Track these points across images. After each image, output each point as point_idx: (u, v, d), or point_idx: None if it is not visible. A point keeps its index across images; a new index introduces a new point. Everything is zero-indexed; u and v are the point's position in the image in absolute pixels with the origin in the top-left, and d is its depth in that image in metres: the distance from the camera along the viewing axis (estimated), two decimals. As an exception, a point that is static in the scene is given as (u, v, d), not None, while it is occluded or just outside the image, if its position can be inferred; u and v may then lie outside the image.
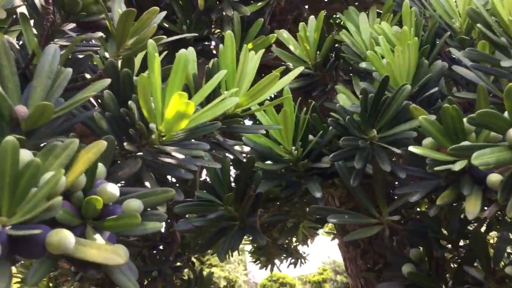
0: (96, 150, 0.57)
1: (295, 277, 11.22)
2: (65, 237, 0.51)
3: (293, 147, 1.08)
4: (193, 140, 0.77)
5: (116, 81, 0.71)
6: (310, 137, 1.09)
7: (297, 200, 1.21)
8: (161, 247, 2.33)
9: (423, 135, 0.89)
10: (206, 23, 1.36)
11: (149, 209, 0.67)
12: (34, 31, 0.78)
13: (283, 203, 1.17)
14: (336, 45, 1.45)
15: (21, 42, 0.87)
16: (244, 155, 1.18)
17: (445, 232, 1.00)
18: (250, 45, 0.92)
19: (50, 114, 0.59)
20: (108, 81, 0.67)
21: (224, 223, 1.08)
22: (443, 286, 0.93)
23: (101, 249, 0.54)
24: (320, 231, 3.90)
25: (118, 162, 0.71)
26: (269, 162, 1.11)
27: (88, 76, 0.90)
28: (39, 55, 0.73)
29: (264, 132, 0.92)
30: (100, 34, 0.82)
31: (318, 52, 1.30)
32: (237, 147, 1.01)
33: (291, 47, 1.30)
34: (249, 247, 3.27)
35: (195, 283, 2.77)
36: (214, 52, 1.39)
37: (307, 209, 1.65)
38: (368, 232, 0.96)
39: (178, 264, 2.52)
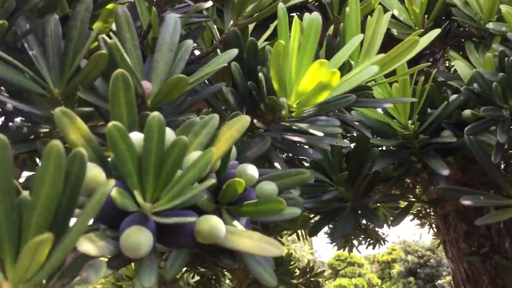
0: (239, 126, 0.51)
1: (362, 257, 11.05)
2: (216, 225, 0.45)
3: (409, 121, 0.98)
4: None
5: (239, 52, 0.64)
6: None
7: (409, 180, 1.11)
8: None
9: None
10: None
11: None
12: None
13: (394, 183, 1.07)
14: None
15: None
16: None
17: None
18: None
19: (184, 87, 0.53)
20: (235, 51, 0.61)
21: (335, 205, 1.00)
22: None
23: (253, 238, 0.47)
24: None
25: (245, 141, 0.65)
26: (381, 138, 1.02)
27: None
28: (156, 27, 0.68)
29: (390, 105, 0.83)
30: (210, 3, 0.75)
31: (426, 16, 1.18)
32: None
33: (395, 12, 1.19)
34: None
35: (274, 264, 2.75)
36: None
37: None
38: (503, 215, 0.85)
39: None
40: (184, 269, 2.79)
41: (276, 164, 0.65)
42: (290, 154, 0.91)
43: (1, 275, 0.36)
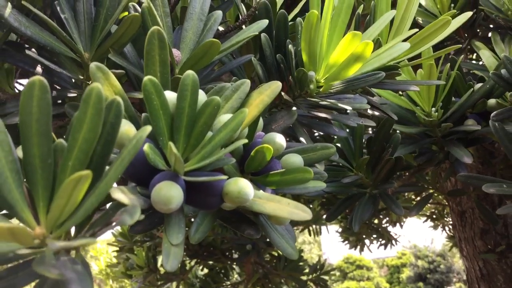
0: (270, 92, 0.50)
1: (371, 260, 10.98)
2: (245, 187, 0.45)
3: (433, 109, 0.97)
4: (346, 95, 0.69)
5: (268, 26, 0.64)
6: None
7: (429, 169, 1.10)
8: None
9: None
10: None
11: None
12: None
13: (415, 172, 1.06)
14: None
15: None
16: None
17: None
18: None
19: (215, 53, 0.53)
20: (265, 22, 0.61)
21: (354, 190, 1.00)
22: None
23: (282, 203, 0.47)
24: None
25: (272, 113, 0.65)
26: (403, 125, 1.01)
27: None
28: (185, -2, 0.68)
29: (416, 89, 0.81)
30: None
31: (452, 5, 1.16)
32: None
33: (422, 0, 1.18)
34: (323, 228, 3.18)
35: (284, 259, 2.74)
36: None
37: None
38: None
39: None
40: (193, 261, 2.80)
41: (302, 139, 0.65)
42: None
43: (33, 220, 0.36)
